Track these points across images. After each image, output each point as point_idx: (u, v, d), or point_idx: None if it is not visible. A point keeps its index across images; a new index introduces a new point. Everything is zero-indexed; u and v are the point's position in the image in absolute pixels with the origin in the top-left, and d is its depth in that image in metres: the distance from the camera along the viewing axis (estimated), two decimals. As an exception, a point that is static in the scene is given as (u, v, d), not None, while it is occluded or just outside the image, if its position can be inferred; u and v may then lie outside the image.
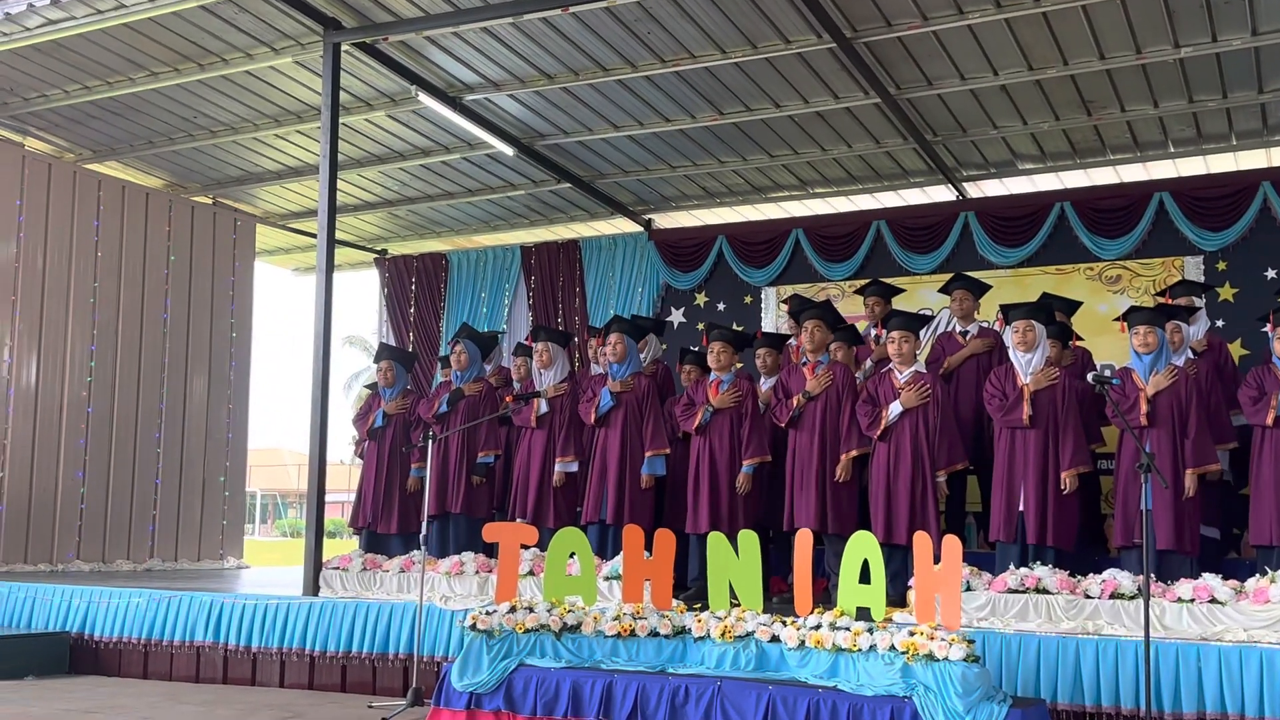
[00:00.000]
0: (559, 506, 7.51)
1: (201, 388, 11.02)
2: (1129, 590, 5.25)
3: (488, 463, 7.86)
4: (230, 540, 11.24)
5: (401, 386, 8.38)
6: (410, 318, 12.19)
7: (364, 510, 8.21)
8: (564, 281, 11.45)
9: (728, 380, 7.05)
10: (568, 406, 7.63)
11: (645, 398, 7.32)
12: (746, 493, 6.86)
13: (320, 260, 7.56)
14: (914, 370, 6.52)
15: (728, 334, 7.20)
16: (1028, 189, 10.13)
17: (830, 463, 6.61)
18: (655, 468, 7.22)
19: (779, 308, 10.41)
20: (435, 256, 12.27)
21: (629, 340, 7.42)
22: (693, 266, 10.91)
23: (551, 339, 7.84)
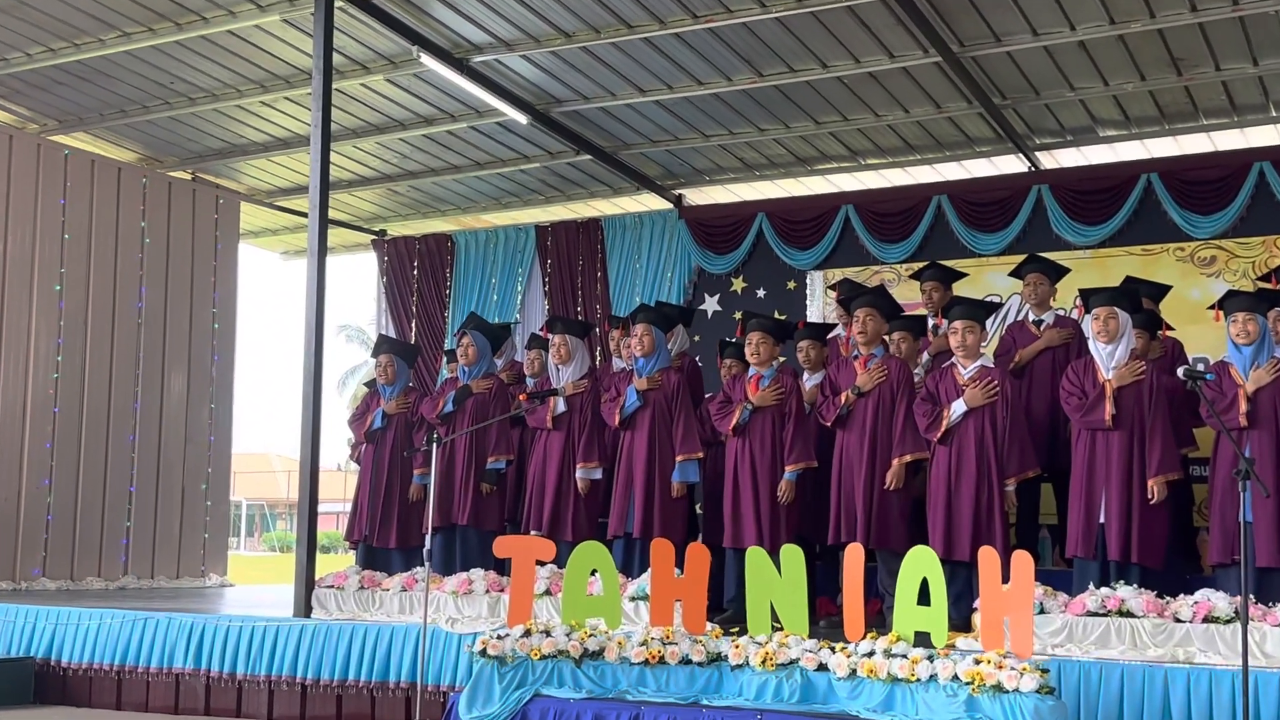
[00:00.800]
0: (579, 518, 7.54)
1: (180, 385, 11.11)
2: (1225, 613, 5.20)
3: (499, 469, 7.89)
4: (213, 555, 11.34)
5: (403, 384, 8.42)
6: (412, 306, 12.26)
7: (361, 522, 8.26)
8: (584, 265, 11.47)
9: (768, 376, 7.05)
10: (589, 406, 7.64)
11: (675, 396, 7.33)
12: (790, 502, 6.86)
13: (312, 242, 7.60)
14: (979, 365, 6.49)
15: (768, 324, 7.19)
16: (1109, 159, 10.06)
17: (882, 468, 6.60)
18: (687, 474, 7.23)
19: (826, 294, 10.39)
20: (440, 238, 12.32)
21: (657, 332, 7.43)
22: (729, 248, 10.90)
23: (570, 330, 7.86)
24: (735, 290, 10.93)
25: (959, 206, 10.01)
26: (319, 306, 7.56)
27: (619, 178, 11.03)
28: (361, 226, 12.70)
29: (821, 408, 6.85)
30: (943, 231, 10.08)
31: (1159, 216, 9.43)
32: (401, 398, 8.35)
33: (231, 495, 12.29)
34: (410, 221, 12.55)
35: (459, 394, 7.96)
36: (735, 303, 10.77)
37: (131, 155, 11.02)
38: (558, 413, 7.66)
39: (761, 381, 7.04)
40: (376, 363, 8.55)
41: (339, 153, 10.45)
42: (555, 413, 7.66)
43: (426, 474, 7.91)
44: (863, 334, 6.82)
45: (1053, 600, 5.52)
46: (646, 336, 7.38)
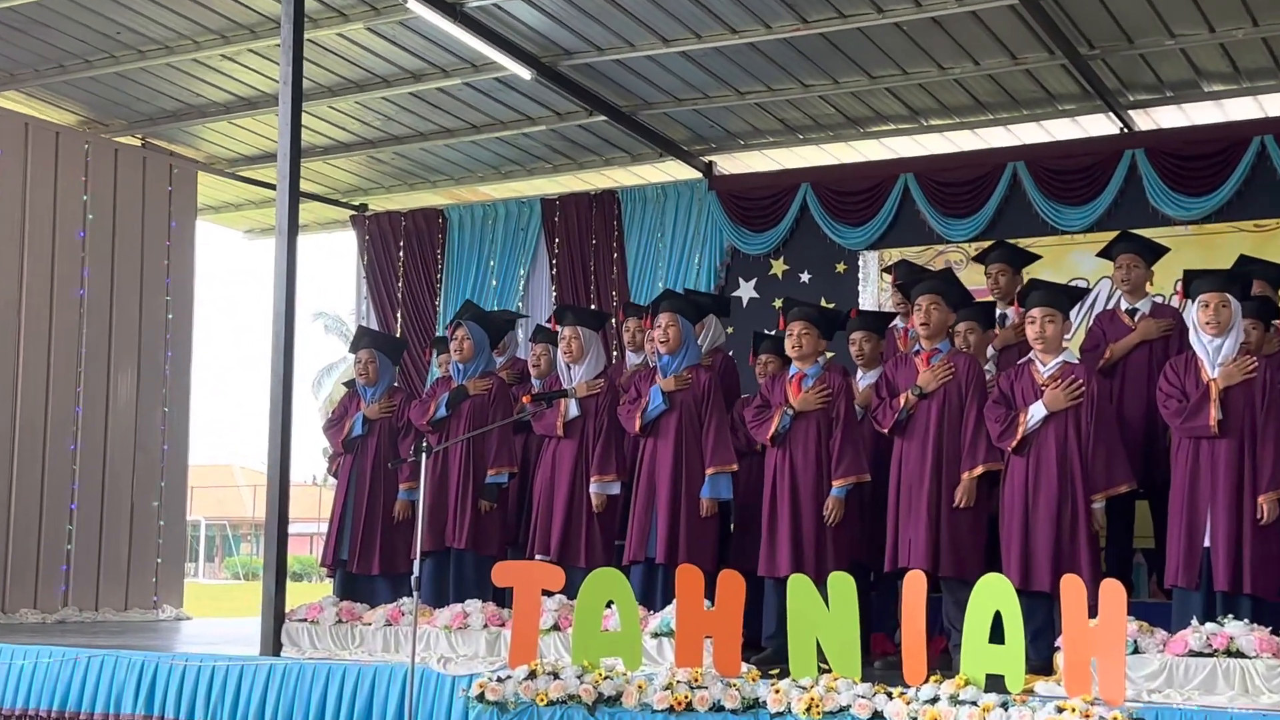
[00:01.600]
0: (592, 540, 7.56)
1: (129, 386, 11.17)
2: (1353, 654, 5.18)
3: (500, 483, 7.92)
4: (167, 583, 11.41)
5: (386, 384, 8.46)
6: (398, 293, 12.31)
7: (338, 545, 8.30)
8: (597, 245, 11.50)
9: (813, 374, 7.05)
10: (604, 409, 7.66)
11: (705, 398, 7.34)
12: (839, 522, 6.86)
13: (280, 218, 7.64)
14: (1061, 361, 6.48)
15: (812, 313, 7.19)
16: (1216, 118, 10.01)
17: (949, 483, 6.59)
18: (719, 490, 7.24)
19: (881, 279, 10.38)
20: (430, 213, 12.36)
21: (684, 323, 7.44)
22: (767, 224, 10.91)
23: (581, 321, 7.88)
24: (775, 274, 10.94)
25: (1038, 175, 9.99)
26: (289, 294, 7.58)
27: (639, 142, 11.03)
28: (339, 200, 12.75)
29: (877, 412, 6.85)
30: (1018, 204, 10.06)
31: (1276, 185, 9.38)
32: (385, 400, 8.39)
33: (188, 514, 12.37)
34: (395, 194, 12.59)
35: (453, 396, 7.99)
36: (775, 288, 10.78)
37: (72, 118, 11.09)
38: (569, 417, 7.69)
39: (805, 381, 7.04)
40: (355, 359, 8.59)
41: (312, 114, 10.49)
42: (566, 417, 7.69)
43: (415, 489, 7.94)
44: (925, 325, 6.80)
45: (1149, 638, 5.50)
46: (671, 328, 7.39)
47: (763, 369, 7.79)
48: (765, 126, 10.74)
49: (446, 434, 7.93)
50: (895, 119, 10.45)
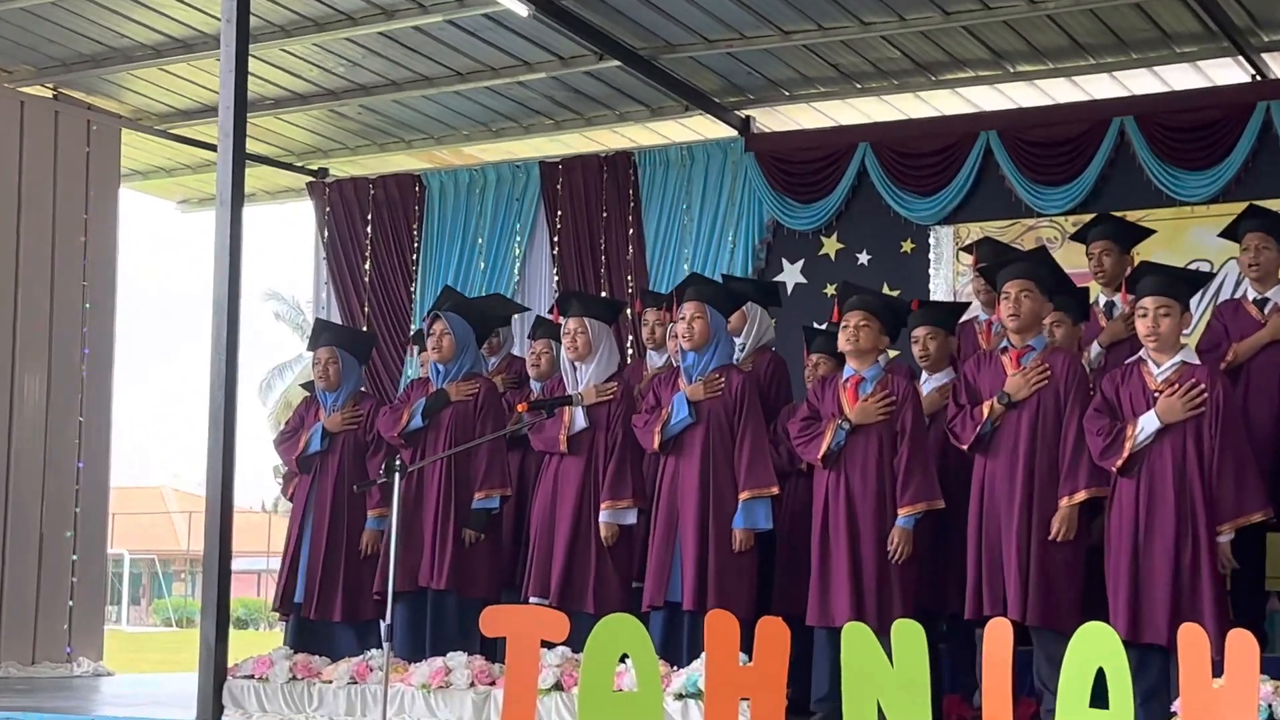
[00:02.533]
0: (603, 581, 7.56)
1: (37, 390, 11.18)
2: None
3: (489, 509, 7.90)
4: (83, 631, 11.42)
5: (352, 388, 8.47)
6: (365, 278, 12.32)
7: (293, 584, 8.31)
8: (609, 219, 11.49)
9: (872, 378, 7.04)
10: (618, 420, 7.67)
11: (739, 407, 7.31)
12: (906, 559, 6.85)
13: (223, 186, 7.65)
14: (1179, 362, 6.47)
15: (872, 302, 7.17)
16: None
17: (1041, 511, 6.58)
18: (757, 519, 7.23)
19: (957, 259, 10.37)
20: (404, 180, 12.37)
21: (713, 314, 7.42)
22: (817, 194, 10.89)
23: (589, 312, 7.87)
24: (826, 254, 10.92)
25: (1150, 133, 9.95)
26: (233, 278, 7.60)
27: (660, 93, 11.02)
28: (293, 164, 12.77)
29: (953, 423, 6.83)
30: (1126, 169, 10.03)
31: None
32: (349, 408, 8.40)
33: (109, 546, 12.37)
34: (362, 157, 12.60)
35: (430, 403, 7.99)
36: (826, 272, 10.77)
37: (-32, 63, 11.13)
38: (574, 430, 7.69)
39: (862, 386, 7.03)
40: (313, 359, 8.60)
41: (261, 59, 10.49)
42: (570, 430, 7.69)
43: (386, 517, 7.94)
44: (1015, 317, 6.79)
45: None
46: (697, 321, 7.38)
47: (812, 371, 7.78)
48: (815, 74, 10.72)
49: (423, 449, 7.94)
50: (975, 64, 10.42)
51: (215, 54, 8.72)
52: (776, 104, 11.23)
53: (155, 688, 9.91)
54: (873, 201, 10.75)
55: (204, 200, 13.48)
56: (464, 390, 8.03)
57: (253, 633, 28.10)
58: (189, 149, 12.32)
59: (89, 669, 11.21)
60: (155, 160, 12.78)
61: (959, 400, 6.88)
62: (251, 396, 37.51)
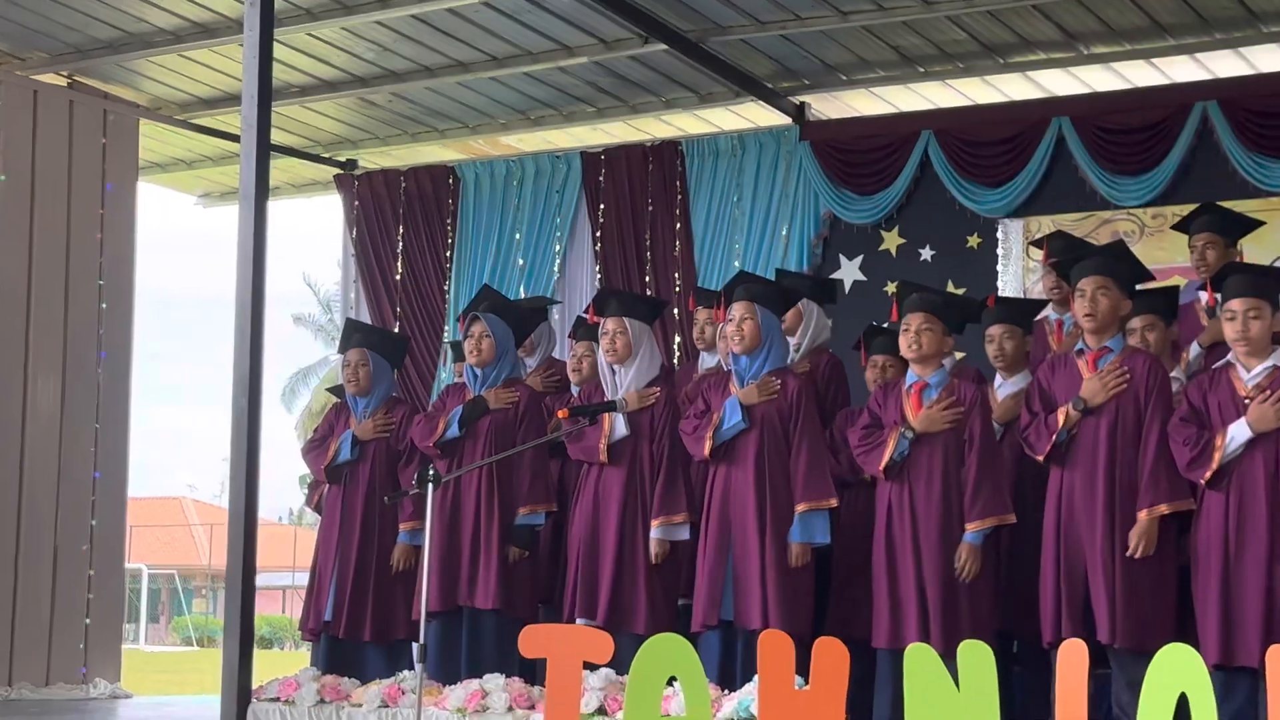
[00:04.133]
0: (651, 598, 7.56)
1: (51, 395, 11.22)
2: None
3: (533, 525, 7.94)
4: (99, 651, 11.45)
5: (383, 394, 8.50)
6: (396, 276, 12.35)
7: (321, 603, 8.33)
8: (655, 212, 11.49)
9: (937, 383, 7.03)
10: (663, 428, 7.67)
11: (795, 412, 7.32)
12: (974, 577, 6.84)
13: (246, 180, 7.68)
14: (1270, 366, 6.45)
15: (936, 302, 7.15)
16: None
17: (1124, 525, 6.56)
18: (814, 532, 7.23)
19: (1028, 255, 10.32)
20: (437, 172, 12.40)
21: (765, 314, 7.42)
22: (877, 185, 10.85)
23: (628, 311, 7.86)
24: (887, 249, 10.89)
25: (1235, 118, 9.87)
26: (257, 277, 7.64)
27: (709, 78, 11.00)
28: (320, 155, 12.80)
29: (1028, 431, 6.81)
30: (1209, 158, 9.95)
31: None
32: (381, 415, 8.43)
33: (127, 561, 12.42)
34: (393, 147, 12.63)
35: (468, 410, 8.01)
36: (887, 268, 10.74)
37: (-22, 51, 11.20)
38: (614, 438, 7.71)
39: (927, 392, 7.02)
40: (343, 362, 8.62)
41: (286, 44, 10.52)
42: (611, 438, 7.70)
43: (420, 531, 7.96)
44: (1090, 316, 6.75)
45: (1384, 730, 5.42)
46: (748, 322, 7.38)
47: (877, 374, 7.76)
48: (874, 57, 10.69)
49: (460, 459, 7.97)
50: (1046, 46, 10.37)
51: (238, 39, 8.77)
52: (833, 89, 11.20)
53: (175, 710, 9.96)
54: (936, 193, 10.70)
55: (226, 194, 13.53)
56: (504, 398, 8.04)
57: (278, 652, 28.21)
58: (210, 140, 12.37)
59: (106, 691, 11.23)
60: (175, 152, 12.83)
61: (1032, 407, 6.84)
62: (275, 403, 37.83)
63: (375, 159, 12.84)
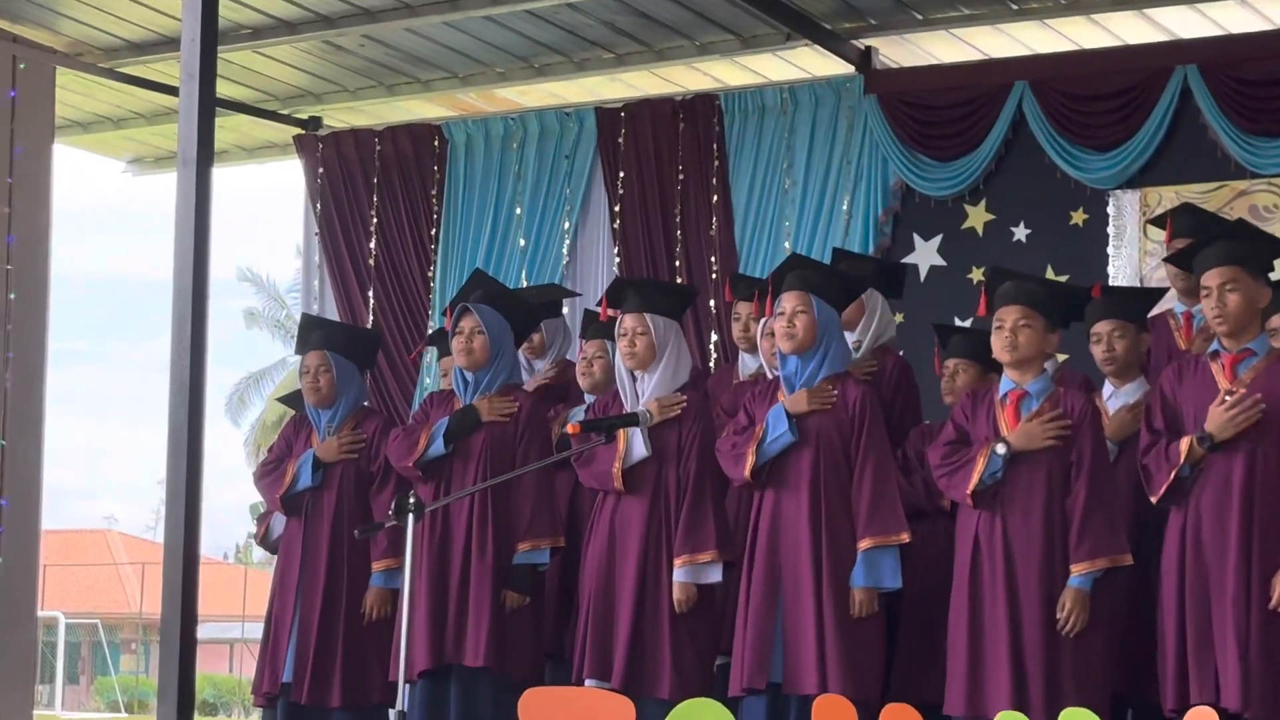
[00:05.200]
0: (680, 656, 7.56)
1: (-52, 403, 11.27)
2: None
3: (535, 564, 7.95)
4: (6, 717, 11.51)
5: (351, 404, 8.55)
6: (369, 258, 12.35)
7: (279, 660, 8.36)
8: (687, 182, 11.47)
9: (1039, 391, 7.04)
10: (692, 445, 7.68)
11: (858, 427, 7.33)
12: (1080, 630, 6.83)
13: (186, 141, 7.68)
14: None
15: (1036, 293, 7.16)
16: None
17: (1262, 574, 6.56)
18: (882, 575, 7.23)
19: (1144, 234, 10.32)
20: (420, 132, 12.40)
21: (822, 307, 7.44)
22: (960, 148, 10.81)
23: (650, 305, 7.86)
24: (971, 227, 10.85)
25: None
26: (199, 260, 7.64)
27: (753, 18, 10.98)
28: (277, 112, 12.83)
29: (1147, 459, 6.83)
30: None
31: None
32: (349, 430, 8.46)
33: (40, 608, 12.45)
34: (366, 102, 12.65)
35: (457, 423, 8.03)
36: (972, 251, 10.72)
37: None
38: (631, 460, 7.73)
39: (1026, 402, 7.03)
40: (302, 367, 8.64)
41: (235, -24, 10.58)
42: (626, 460, 7.72)
43: (397, 572, 7.99)
44: (1221, 319, 6.76)
45: None
46: (801, 316, 7.40)
47: (949, 381, 7.78)
48: (956, -7, 10.69)
49: (447, 484, 7.99)
50: (1167, -20, 10.34)
51: (175, -31, 8.78)
52: (906, 31, 11.15)
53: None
54: (1033, 159, 10.63)
55: (161, 159, 13.56)
56: (500, 408, 8.04)
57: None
58: (142, 93, 12.39)
59: (13, 768, 11.32)
60: (99, 107, 12.86)
61: (1154, 424, 6.86)
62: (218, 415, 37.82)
63: (344, 116, 12.85)
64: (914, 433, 7.88)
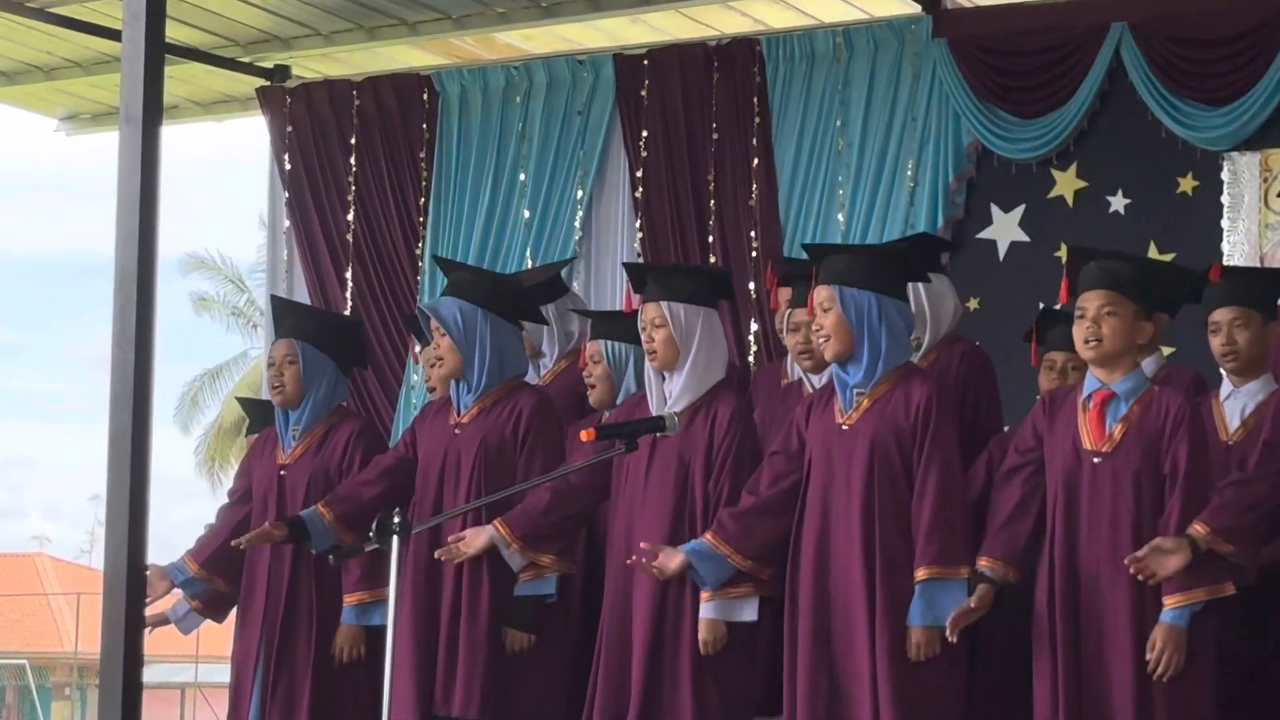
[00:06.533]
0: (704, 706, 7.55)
1: None
2: None
3: (541, 596, 8.01)
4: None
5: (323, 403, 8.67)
6: (347, 233, 12.40)
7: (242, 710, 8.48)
8: (722, 142, 11.51)
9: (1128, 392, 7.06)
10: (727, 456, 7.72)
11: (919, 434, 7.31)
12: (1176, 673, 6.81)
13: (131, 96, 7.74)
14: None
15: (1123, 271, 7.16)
16: None
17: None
18: (942, 610, 7.15)
19: (1265, 204, 10.37)
20: (407, 83, 12.46)
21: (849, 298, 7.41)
22: (1046, 102, 10.81)
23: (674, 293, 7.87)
24: (1059, 196, 10.89)
25: None
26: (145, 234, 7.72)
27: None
28: (238, 60, 12.89)
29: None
30: None
31: None
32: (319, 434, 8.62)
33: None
34: (342, 49, 12.68)
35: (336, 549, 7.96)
36: (1061, 224, 10.74)
37: None
38: (654, 474, 7.83)
39: (1112, 405, 7.07)
40: (267, 360, 8.72)
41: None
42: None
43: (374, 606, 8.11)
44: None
45: None
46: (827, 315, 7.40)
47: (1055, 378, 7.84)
48: (1043, -85, 10.73)
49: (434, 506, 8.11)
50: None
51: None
52: (983, -36, 11.23)
53: None
54: (1132, 115, 10.63)
55: (100, 115, 13.63)
56: None
57: (176, 780, 28.42)
58: (79, 38, 12.41)
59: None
60: (27, 54, 12.90)
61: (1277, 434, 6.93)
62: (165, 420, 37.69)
63: (317, 65, 12.90)
64: (994, 444, 7.87)
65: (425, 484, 8.27)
